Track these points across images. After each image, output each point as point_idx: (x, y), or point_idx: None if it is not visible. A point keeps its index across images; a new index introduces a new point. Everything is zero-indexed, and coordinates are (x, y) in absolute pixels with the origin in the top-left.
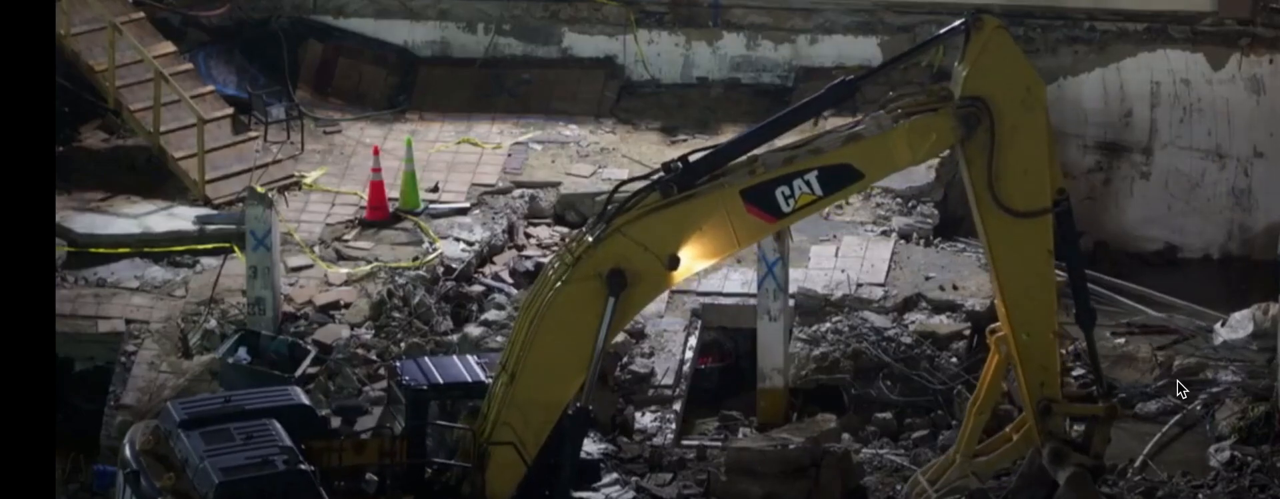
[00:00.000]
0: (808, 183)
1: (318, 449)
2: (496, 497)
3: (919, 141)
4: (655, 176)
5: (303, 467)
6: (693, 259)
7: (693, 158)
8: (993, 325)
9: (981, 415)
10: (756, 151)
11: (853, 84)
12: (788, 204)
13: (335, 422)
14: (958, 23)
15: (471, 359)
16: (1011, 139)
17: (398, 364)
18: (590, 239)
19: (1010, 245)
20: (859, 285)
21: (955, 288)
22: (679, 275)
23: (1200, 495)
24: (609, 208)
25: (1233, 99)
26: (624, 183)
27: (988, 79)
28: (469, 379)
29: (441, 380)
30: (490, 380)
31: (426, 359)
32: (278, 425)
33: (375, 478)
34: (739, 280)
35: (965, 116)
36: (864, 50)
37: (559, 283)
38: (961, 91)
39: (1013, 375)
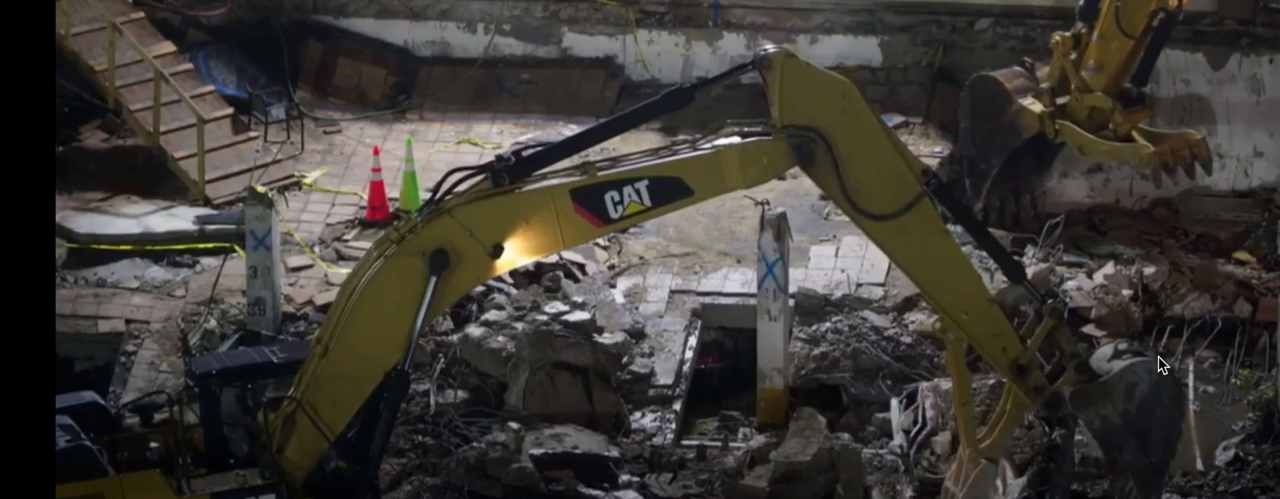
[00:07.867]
0: (638, 192)
1: (106, 441)
2: (294, 467)
3: (750, 164)
4: (488, 165)
5: (84, 442)
6: (517, 252)
7: (527, 153)
8: (934, 320)
9: (966, 407)
10: (592, 153)
11: (690, 91)
12: (615, 210)
13: (133, 420)
14: (746, 64)
15: (267, 348)
16: (851, 149)
17: (191, 358)
18: (420, 221)
19: (902, 244)
20: (859, 285)
21: None
22: (502, 265)
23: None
24: (439, 192)
25: (1233, 99)
26: (456, 170)
27: (801, 107)
28: (258, 360)
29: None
30: (279, 361)
31: (221, 352)
32: (66, 418)
33: (157, 445)
34: (739, 280)
35: (797, 144)
36: (864, 50)
37: (381, 259)
38: (783, 124)
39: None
